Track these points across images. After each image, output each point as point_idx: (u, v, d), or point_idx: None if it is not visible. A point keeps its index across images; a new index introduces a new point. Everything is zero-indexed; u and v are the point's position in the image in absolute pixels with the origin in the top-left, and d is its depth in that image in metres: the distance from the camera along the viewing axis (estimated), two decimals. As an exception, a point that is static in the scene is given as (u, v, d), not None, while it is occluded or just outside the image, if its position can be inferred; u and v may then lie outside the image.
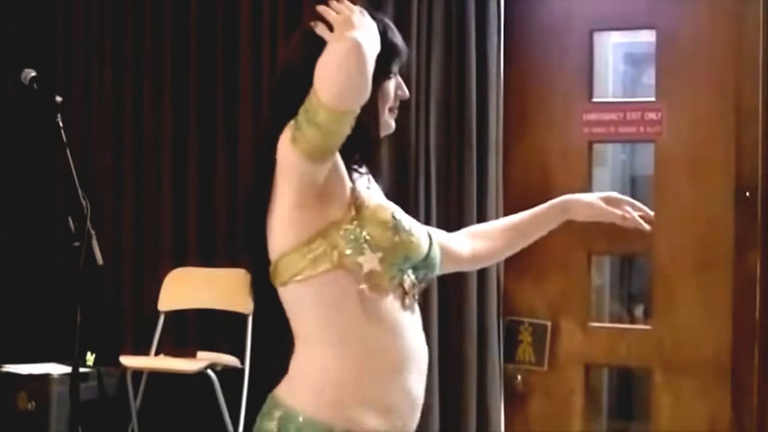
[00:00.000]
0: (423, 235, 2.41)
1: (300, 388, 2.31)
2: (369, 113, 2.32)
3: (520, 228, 2.78)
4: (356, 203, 2.31)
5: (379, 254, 2.30)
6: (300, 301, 2.33)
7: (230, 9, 5.42)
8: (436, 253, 2.45)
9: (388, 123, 2.42)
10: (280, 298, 2.40)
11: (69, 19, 5.76)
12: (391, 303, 2.33)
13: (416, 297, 2.39)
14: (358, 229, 2.29)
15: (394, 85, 2.41)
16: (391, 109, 2.41)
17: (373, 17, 2.35)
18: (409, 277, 2.36)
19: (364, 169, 2.38)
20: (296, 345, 2.36)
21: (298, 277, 2.30)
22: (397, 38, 2.40)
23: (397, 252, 2.32)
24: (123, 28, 5.64)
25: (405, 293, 2.35)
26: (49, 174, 5.57)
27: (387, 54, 2.35)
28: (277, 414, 2.30)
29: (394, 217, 2.34)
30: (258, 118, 5.32)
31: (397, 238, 2.32)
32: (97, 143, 5.64)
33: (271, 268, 2.36)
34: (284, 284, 2.34)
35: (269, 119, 2.37)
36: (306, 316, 2.33)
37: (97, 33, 5.70)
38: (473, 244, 2.72)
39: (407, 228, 2.35)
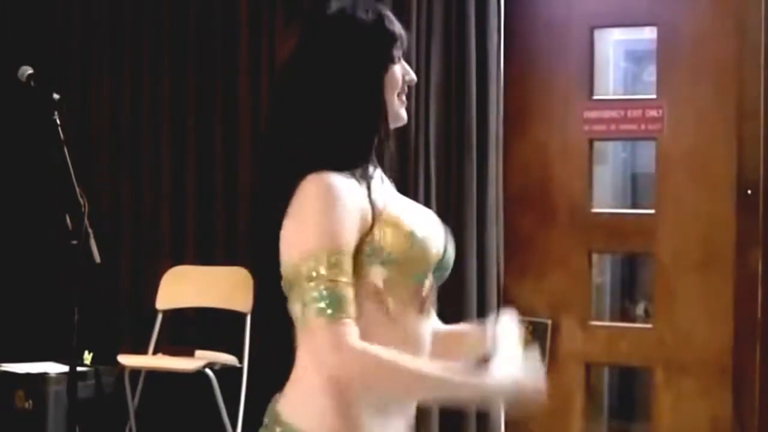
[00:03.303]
0: (437, 238, 2.35)
1: (301, 407, 2.25)
2: (376, 111, 2.28)
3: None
4: (373, 220, 2.23)
5: (392, 270, 2.24)
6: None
7: (229, 5, 5.40)
8: (452, 250, 2.40)
9: (399, 113, 2.34)
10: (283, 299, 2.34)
11: (67, 15, 5.74)
12: (408, 313, 2.27)
13: (433, 299, 2.35)
14: (374, 244, 2.22)
15: (400, 70, 2.34)
16: (399, 96, 2.34)
17: (367, 8, 2.32)
18: (429, 280, 2.32)
19: (372, 170, 2.29)
20: (299, 354, 2.29)
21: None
22: (395, 25, 2.33)
23: (414, 265, 2.27)
24: (121, 25, 5.62)
25: (424, 300, 2.30)
26: (47, 172, 5.54)
27: (387, 42, 2.31)
28: (277, 431, 2.25)
29: (412, 235, 2.26)
30: (257, 115, 5.30)
31: (413, 253, 2.26)
32: (94, 141, 5.62)
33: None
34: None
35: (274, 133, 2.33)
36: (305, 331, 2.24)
37: (95, 30, 5.68)
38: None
39: (421, 238, 2.28)
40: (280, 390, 2.34)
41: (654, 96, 4.93)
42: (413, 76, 2.37)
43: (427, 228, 2.33)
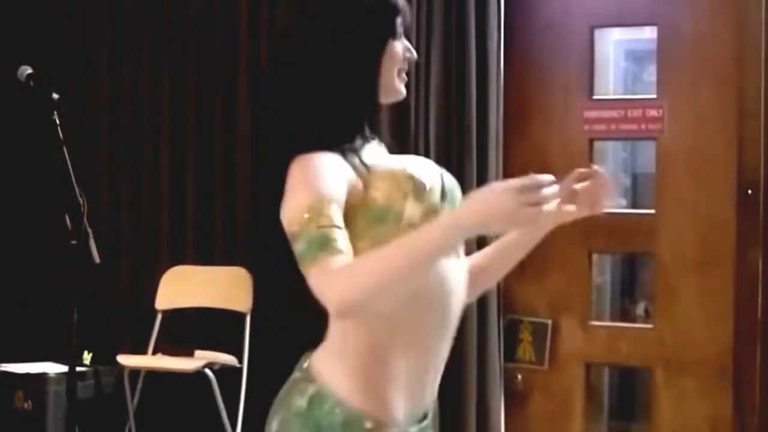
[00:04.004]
0: (430, 173, 2.28)
1: (335, 367, 2.21)
2: (368, 86, 2.25)
3: (502, 251, 2.52)
4: (367, 182, 2.19)
5: (419, 210, 2.19)
6: None
7: (229, 5, 5.40)
8: (450, 179, 2.33)
9: (399, 89, 2.31)
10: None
11: (67, 15, 5.73)
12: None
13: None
14: (378, 202, 2.18)
15: (401, 46, 2.31)
16: (399, 72, 2.30)
17: None
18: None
19: (362, 144, 2.25)
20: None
21: None
22: None
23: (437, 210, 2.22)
24: (121, 25, 5.62)
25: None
26: (46, 172, 5.54)
27: (389, 15, 2.28)
28: (310, 391, 2.21)
29: (411, 179, 2.21)
30: (256, 115, 5.29)
31: (420, 191, 2.20)
32: (94, 141, 5.61)
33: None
34: None
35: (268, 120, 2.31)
36: None
37: (95, 30, 5.67)
38: None
39: (425, 186, 2.22)
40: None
41: (654, 96, 4.92)
42: (414, 53, 2.34)
43: (420, 167, 2.27)
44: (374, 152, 2.29)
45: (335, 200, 2.11)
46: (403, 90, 2.33)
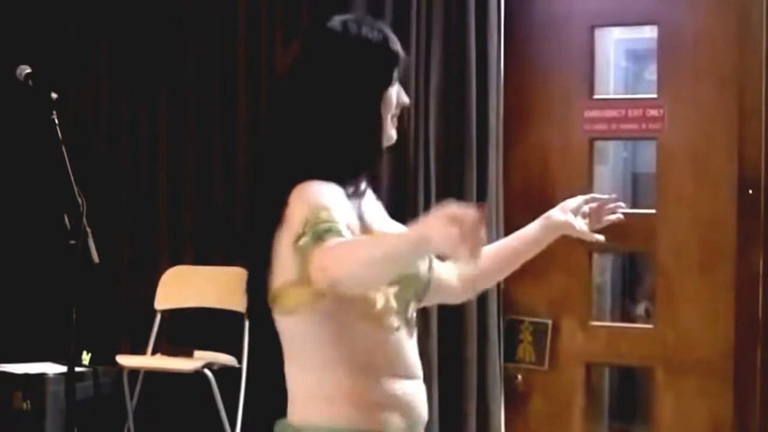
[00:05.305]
0: (424, 260, 2.37)
1: (317, 407, 2.25)
2: (373, 127, 2.30)
3: (507, 253, 2.67)
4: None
5: (394, 289, 2.25)
6: (302, 332, 2.26)
7: (228, 3, 5.39)
8: (430, 273, 2.41)
9: (390, 134, 2.36)
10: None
11: (66, 14, 5.72)
12: (398, 335, 2.28)
13: (416, 322, 2.35)
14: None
15: (395, 92, 2.35)
16: (393, 117, 2.36)
17: (372, 26, 2.33)
18: (413, 305, 2.33)
19: (363, 187, 2.31)
20: (290, 369, 2.31)
21: (302, 308, 2.22)
22: (397, 46, 2.35)
23: (409, 286, 2.29)
24: (120, 24, 5.60)
25: (408, 321, 2.31)
26: (45, 171, 5.52)
27: (388, 63, 2.32)
28: None
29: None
30: (255, 116, 5.28)
31: (411, 273, 2.28)
32: (93, 140, 5.60)
33: (272, 294, 2.28)
34: (288, 312, 2.26)
35: (273, 137, 2.34)
36: (306, 346, 2.27)
37: (94, 29, 5.66)
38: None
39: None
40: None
41: (655, 95, 4.92)
42: (406, 99, 2.38)
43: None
44: (371, 205, 2.33)
45: (335, 209, 2.15)
46: (395, 135, 2.38)
